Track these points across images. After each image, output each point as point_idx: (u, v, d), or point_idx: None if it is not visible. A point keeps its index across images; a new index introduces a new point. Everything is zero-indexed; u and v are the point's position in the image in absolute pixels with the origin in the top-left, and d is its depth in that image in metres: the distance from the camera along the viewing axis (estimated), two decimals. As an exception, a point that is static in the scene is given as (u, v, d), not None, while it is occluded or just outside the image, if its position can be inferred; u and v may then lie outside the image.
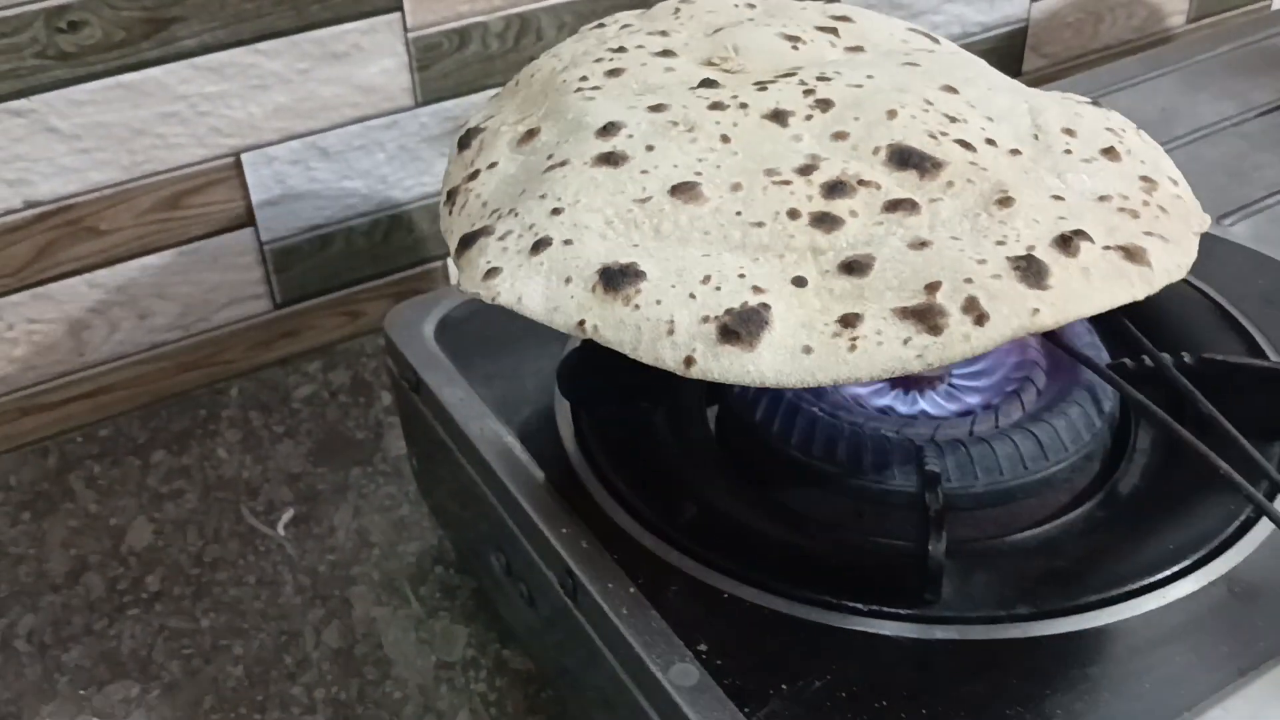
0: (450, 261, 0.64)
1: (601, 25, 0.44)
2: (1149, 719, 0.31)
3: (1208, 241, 0.50)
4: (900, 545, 0.36)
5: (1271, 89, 0.63)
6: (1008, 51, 0.77)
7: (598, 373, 0.40)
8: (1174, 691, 0.32)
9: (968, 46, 0.75)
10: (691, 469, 0.40)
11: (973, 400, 0.40)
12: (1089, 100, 0.40)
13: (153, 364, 0.59)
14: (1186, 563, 0.35)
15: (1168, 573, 0.35)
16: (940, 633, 0.34)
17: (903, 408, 0.40)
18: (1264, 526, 0.36)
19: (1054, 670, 0.33)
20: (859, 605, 0.34)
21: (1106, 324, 0.40)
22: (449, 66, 0.59)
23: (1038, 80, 0.79)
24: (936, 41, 0.43)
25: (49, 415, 0.58)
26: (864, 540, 0.37)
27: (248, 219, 0.58)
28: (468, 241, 0.34)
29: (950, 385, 0.40)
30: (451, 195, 0.37)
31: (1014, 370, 0.40)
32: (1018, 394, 0.39)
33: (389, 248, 0.63)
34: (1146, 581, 0.34)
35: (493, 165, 0.37)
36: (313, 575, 0.50)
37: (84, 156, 0.53)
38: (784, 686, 0.32)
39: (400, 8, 0.57)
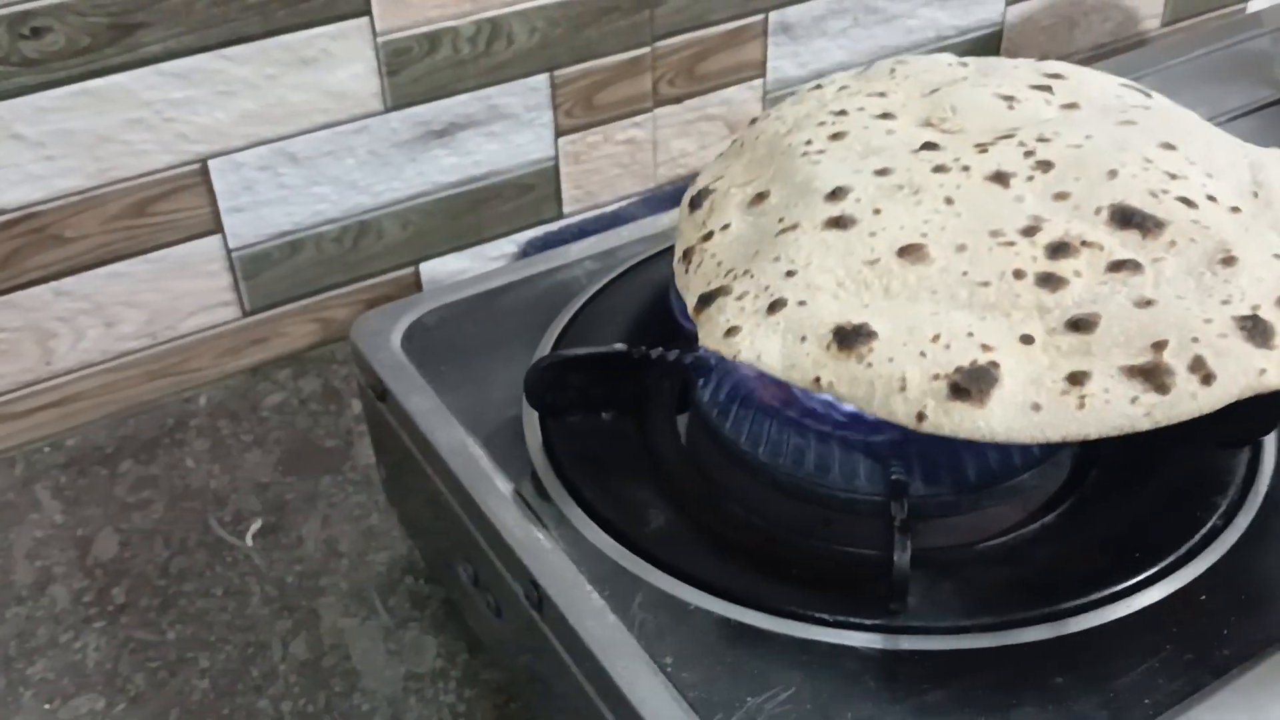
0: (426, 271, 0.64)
1: (819, 86, 0.45)
2: (1115, 728, 0.31)
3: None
4: (868, 554, 0.36)
5: (1245, 93, 0.63)
6: (983, 55, 0.77)
7: (565, 382, 0.40)
8: (1140, 699, 0.32)
9: (943, 50, 0.75)
10: (659, 479, 0.40)
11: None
12: None
13: (120, 373, 0.59)
14: (1152, 571, 0.35)
15: (1134, 580, 0.35)
16: (906, 643, 0.33)
17: (870, 415, 0.39)
18: (1230, 534, 0.36)
19: (1021, 679, 0.32)
20: (825, 616, 0.34)
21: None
22: (419, 71, 0.59)
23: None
24: (1149, 96, 0.43)
25: (15, 425, 0.58)
26: (832, 550, 0.37)
27: (215, 226, 0.58)
28: (707, 300, 0.36)
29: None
30: (687, 254, 0.39)
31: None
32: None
33: (359, 254, 0.62)
34: (1113, 590, 0.34)
35: (726, 226, 0.39)
36: (280, 586, 0.49)
37: (49, 164, 0.53)
38: (749, 699, 0.32)
39: (369, 12, 0.56)
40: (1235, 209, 0.35)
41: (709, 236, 0.39)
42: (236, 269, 0.59)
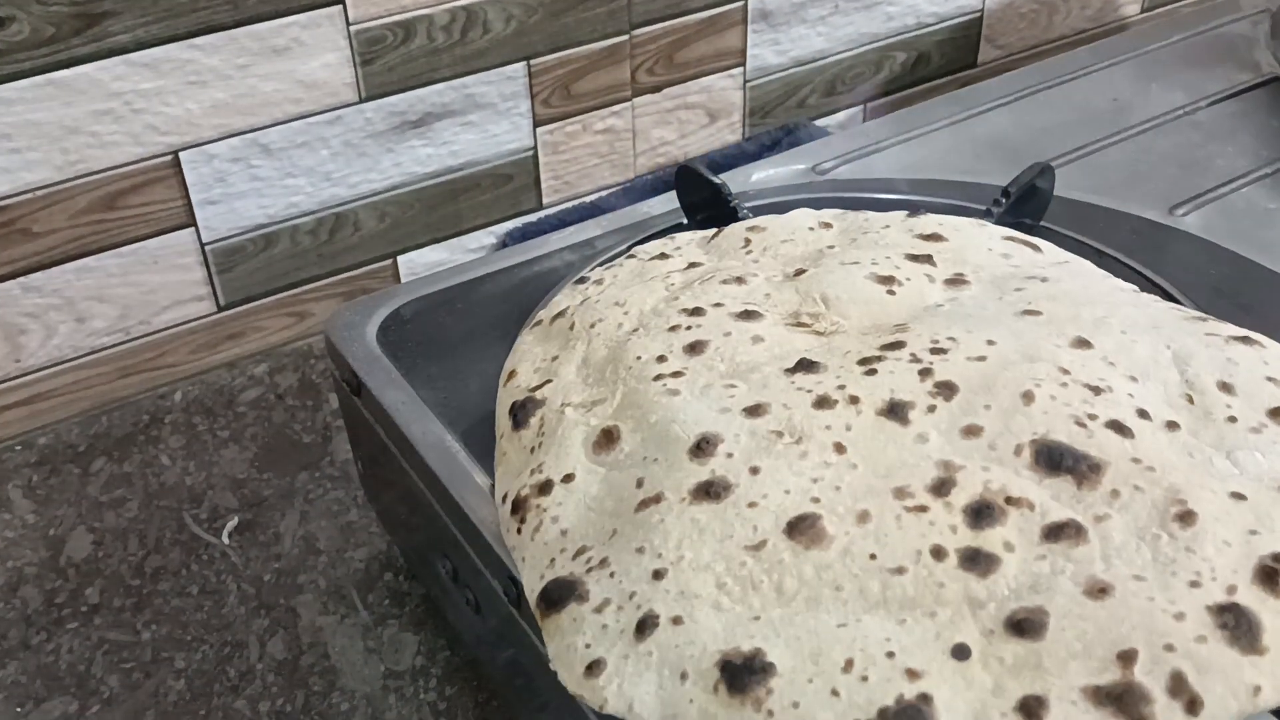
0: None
1: (664, 255, 0.40)
2: None
3: (1159, 232, 0.50)
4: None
5: (1223, 78, 0.63)
6: (963, 43, 0.77)
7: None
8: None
9: (923, 38, 0.74)
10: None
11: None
12: (1238, 333, 0.35)
13: (92, 369, 0.58)
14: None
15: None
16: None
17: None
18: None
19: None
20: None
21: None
22: (393, 60, 0.58)
23: (995, 71, 0.78)
24: (1038, 250, 0.39)
25: (-15, 423, 0.57)
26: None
27: (188, 219, 0.57)
28: (554, 599, 0.30)
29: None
30: (519, 506, 0.33)
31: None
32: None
33: (335, 246, 0.61)
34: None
35: (568, 478, 0.33)
36: (258, 584, 0.49)
37: (15, 156, 0.52)
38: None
39: (342, 0, 0.55)
40: (1172, 424, 0.31)
41: (547, 488, 0.32)
42: (210, 262, 0.58)
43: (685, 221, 0.50)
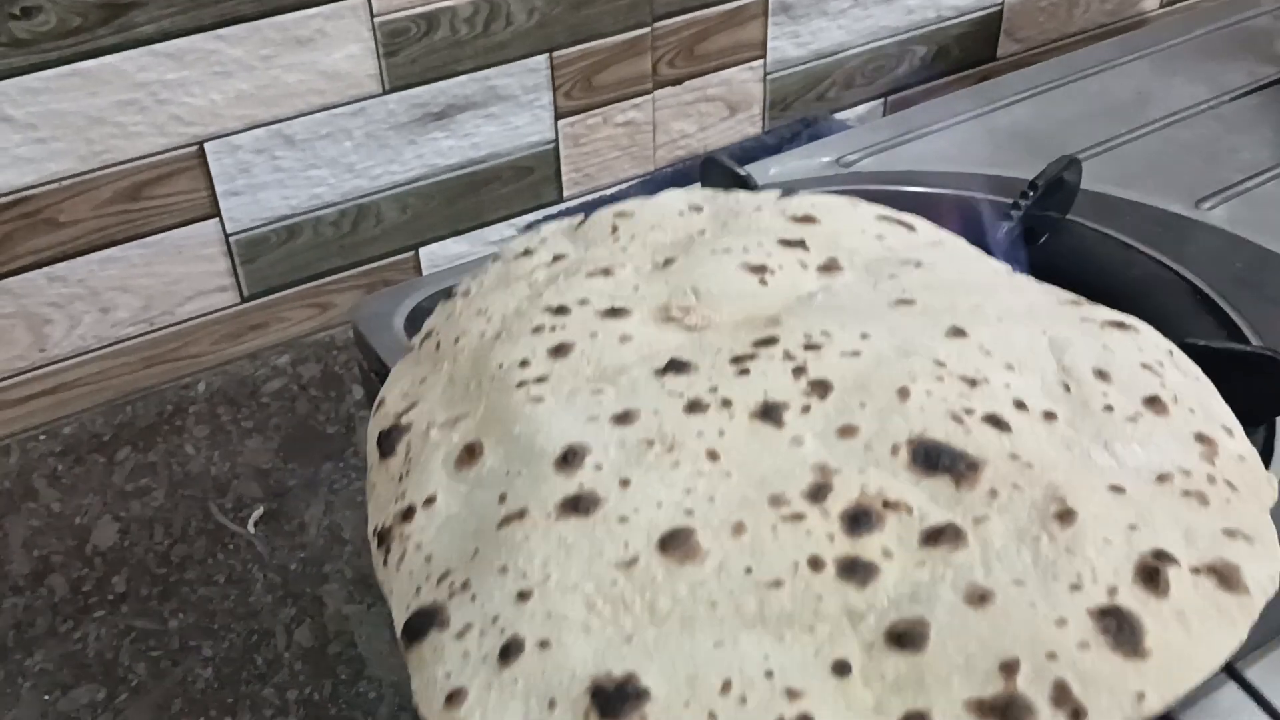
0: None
1: (529, 253, 0.39)
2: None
3: (1185, 225, 0.50)
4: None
5: (1246, 71, 0.62)
6: (982, 36, 0.77)
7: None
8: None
9: (942, 31, 0.74)
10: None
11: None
12: (1114, 318, 0.35)
13: (116, 359, 0.58)
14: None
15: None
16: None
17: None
18: None
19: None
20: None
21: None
22: (417, 52, 0.58)
23: (1014, 65, 0.78)
24: (913, 229, 0.39)
25: (10, 413, 0.57)
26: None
27: (212, 209, 0.57)
28: (416, 631, 0.28)
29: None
30: (384, 537, 0.31)
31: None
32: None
33: (357, 238, 0.62)
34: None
35: (430, 501, 0.31)
36: (283, 573, 0.49)
37: (40, 146, 0.52)
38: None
39: (366, -8, 0.56)
40: (1049, 415, 0.30)
41: (409, 514, 0.30)
42: (234, 253, 0.58)
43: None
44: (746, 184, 0.48)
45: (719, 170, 0.49)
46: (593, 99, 0.65)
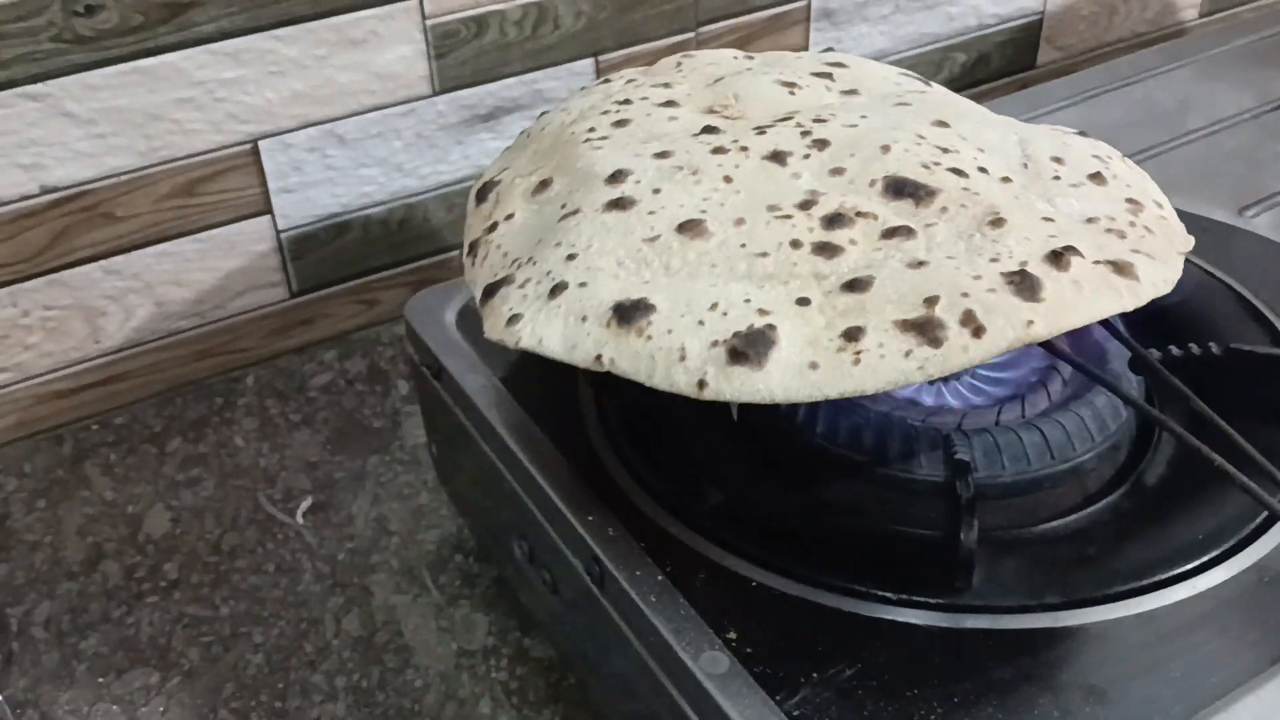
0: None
1: (608, 80, 0.45)
2: (1180, 706, 0.31)
3: (1229, 233, 0.51)
4: (927, 535, 0.36)
5: (1288, 81, 0.63)
6: (1023, 43, 0.77)
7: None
8: (1205, 679, 0.32)
9: (983, 39, 0.75)
10: (718, 455, 0.40)
11: (998, 391, 0.40)
12: (1076, 131, 0.41)
13: (168, 351, 0.59)
14: (1216, 551, 0.35)
15: (1198, 561, 0.35)
16: (971, 621, 0.33)
17: (928, 399, 0.39)
18: (1294, 516, 0.36)
19: (1085, 658, 0.32)
20: (889, 594, 0.34)
21: (1130, 318, 0.40)
22: (467, 54, 0.59)
23: (1054, 73, 0.79)
24: (928, 85, 0.44)
25: (64, 402, 0.58)
26: (893, 529, 0.37)
27: (264, 206, 0.58)
28: (490, 291, 0.36)
29: (973, 378, 0.40)
30: (473, 247, 0.39)
31: (1039, 360, 0.40)
32: (1043, 384, 0.39)
33: (405, 236, 0.63)
34: (1177, 570, 0.34)
35: (510, 216, 0.39)
36: (332, 563, 0.50)
37: (100, 142, 0.53)
38: (814, 674, 0.32)
39: (418, -6, 0.57)
40: (1006, 179, 0.36)
41: (494, 228, 0.39)
42: (285, 250, 0.60)
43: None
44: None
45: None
46: (636, 102, 0.65)
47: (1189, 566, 0.34)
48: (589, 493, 0.38)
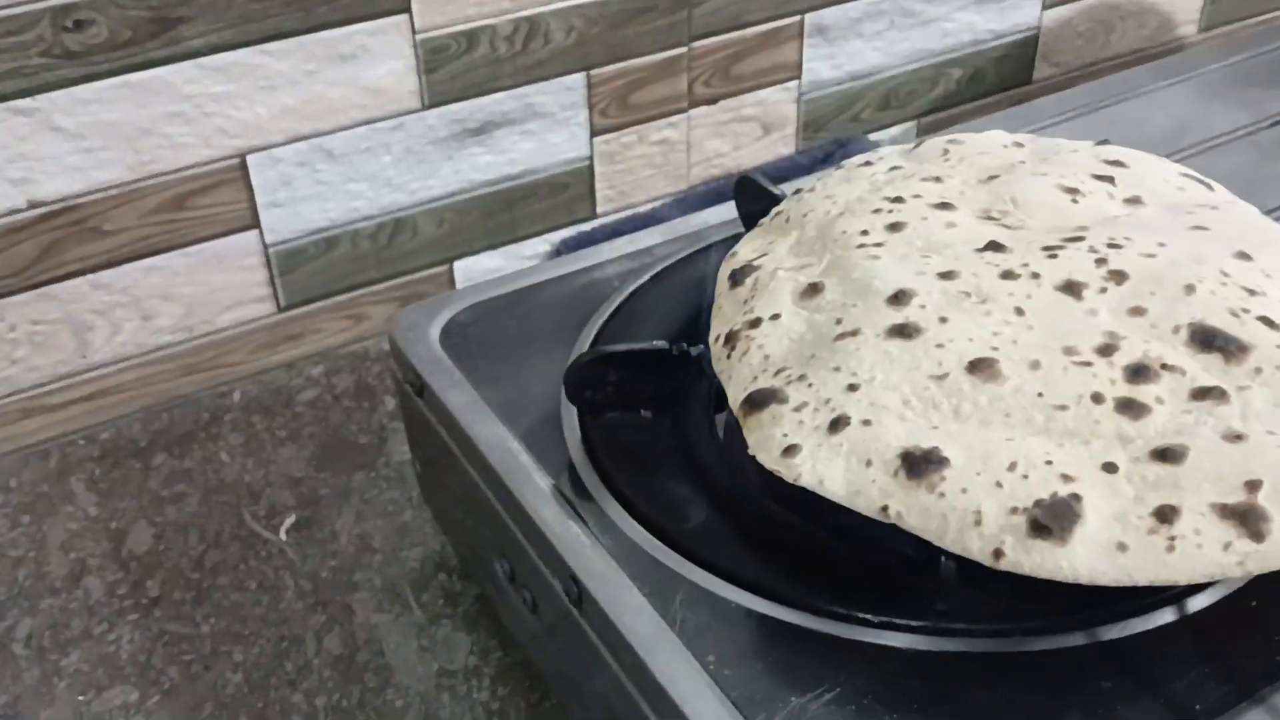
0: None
1: (869, 164, 0.44)
2: (1164, 733, 0.31)
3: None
4: (910, 556, 0.35)
5: (1285, 99, 0.62)
6: (1019, 59, 0.77)
7: (605, 378, 0.40)
8: (1189, 705, 0.31)
9: (979, 54, 0.74)
10: (699, 476, 0.39)
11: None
12: None
13: (155, 366, 0.59)
14: (1202, 576, 0.34)
15: (1181, 586, 0.34)
16: (951, 645, 0.33)
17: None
18: None
19: (1067, 683, 0.32)
20: (869, 617, 0.34)
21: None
22: (457, 69, 0.59)
23: (1049, 89, 0.78)
24: (1211, 188, 0.42)
25: (50, 417, 0.58)
26: (874, 550, 0.36)
27: (253, 221, 0.58)
28: (758, 403, 0.34)
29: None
30: (730, 338, 0.37)
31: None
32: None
33: (394, 251, 0.62)
34: (1161, 595, 0.34)
35: (776, 316, 0.37)
36: (314, 581, 0.49)
37: (88, 156, 0.53)
38: (793, 698, 0.32)
39: (408, 9, 0.56)
40: None
41: (756, 324, 0.37)
42: (273, 264, 0.59)
43: (744, 231, 0.50)
44: (780, 203, 0.49)
45: (753, 189, 0.50)
46: (628, 117, 0.65)
47: (1173, 591, 0.34)
48: (569, 512, 0.38)
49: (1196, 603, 0.34)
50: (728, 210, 0.50)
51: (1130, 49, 0.82)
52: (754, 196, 0.50)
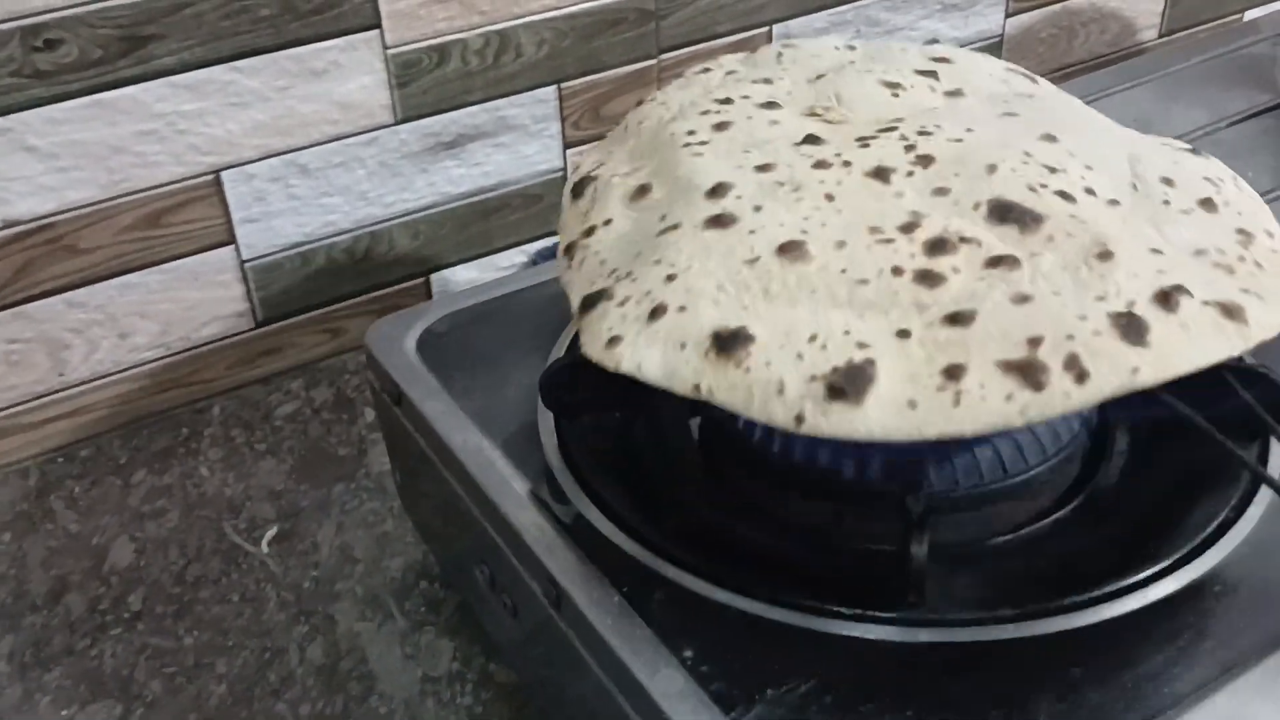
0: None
1: (707, 70, 0.44)
2: (1132, 716, 0.31)
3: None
4: (883, 549, 0.36)
5: (1244, 98, 0.63)
6: (983, 65, 0.78)
7: (581, 383, 0.41)
8: (1158, 689, 0.32)
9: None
10: (675, 477, 0.40)
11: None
12: (1189, 148, 0.39)
13: (133, 383, 0.59)
14: (1168, 562, 0.35)
15: (1149, 572, 0.35)
16: (924, 635, 0.34)
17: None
18: (1244, 525, 0.36)
19: (1038, 670, 0.33)
20: (843, 609, 0.34)
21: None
22: (428, 83, 0.60)
23: (1013, 93, 0.79)
24: (1035, 81, 0.43)
25: (28, 435, 0.58)
26: (846, 544, 0.37)
27: (228, 237, 0.58)
28: (589, 304, 0.35)
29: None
30: (570, 250, 0.38)
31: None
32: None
33: (370, 264, 0.63)
34: (1129, 581, 0.35)
35: (608, 222, 0.38)
36: (296, 591, 0.49)
37: (62, 175, 0.53)
38: (769, 691, 0.32)
39: (379, 25, 0.57)
40: (1114, 202, 0.35)
41: (591, 231, 0.38)
42: (249, 279, 0.60)
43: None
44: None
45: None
46: (600, 129, 0.66)
47: (1140, 577, 0.35)
48: (547, 516, 0.38)
49: (1163, 588, 0.35)
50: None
51: (1093, 54, 0.83)
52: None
